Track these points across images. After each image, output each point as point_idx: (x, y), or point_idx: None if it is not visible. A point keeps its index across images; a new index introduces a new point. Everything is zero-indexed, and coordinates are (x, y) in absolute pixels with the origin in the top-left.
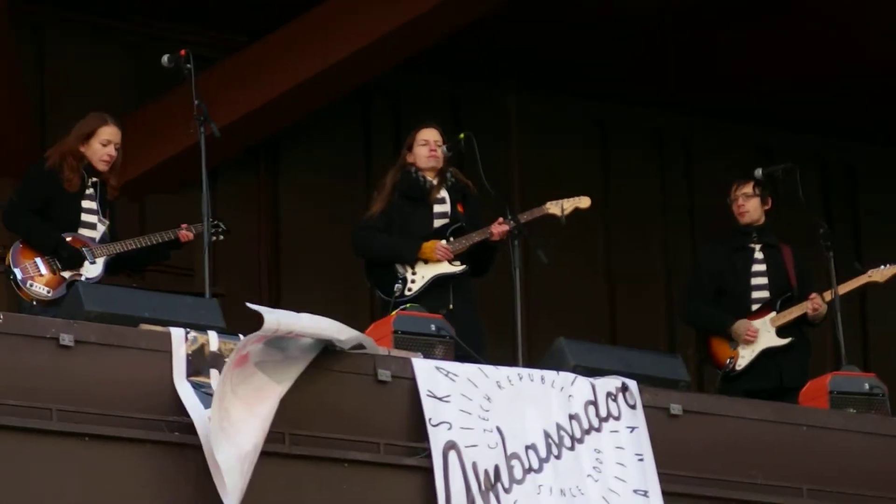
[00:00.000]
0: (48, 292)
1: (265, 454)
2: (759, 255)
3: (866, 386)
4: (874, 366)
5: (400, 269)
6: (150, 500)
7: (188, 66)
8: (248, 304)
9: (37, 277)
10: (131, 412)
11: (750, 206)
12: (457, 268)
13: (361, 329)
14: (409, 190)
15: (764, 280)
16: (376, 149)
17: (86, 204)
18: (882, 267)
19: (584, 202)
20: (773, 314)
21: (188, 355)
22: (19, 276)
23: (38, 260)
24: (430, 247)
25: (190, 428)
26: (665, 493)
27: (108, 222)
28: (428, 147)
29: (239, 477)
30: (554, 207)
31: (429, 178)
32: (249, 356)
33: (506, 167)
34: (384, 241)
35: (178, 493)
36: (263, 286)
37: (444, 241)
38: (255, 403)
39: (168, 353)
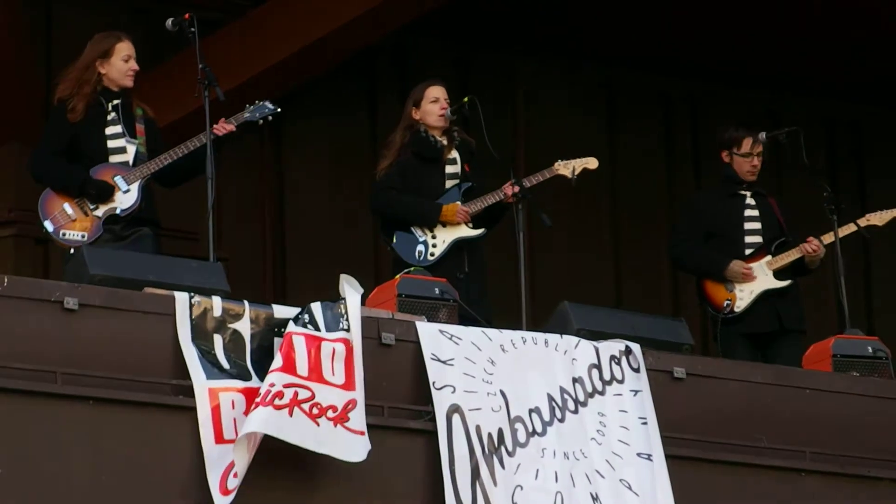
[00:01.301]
0: (83, 237)
1: None
2: (750, 201)
3: (869, 349)
4: (878, 329)
5: (419, 232)
6: (153, 461)
7: (192, 29)
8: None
9: (69, 224)
10: (135, 375)
11: (759, 165)
12: (476, 231)
13: (366, 294)
14: (421, 150)
15: (757, 225)
16: (381, 113)
17: (110, 130)
18: (880, 212)
19: (591, 163)
20: (769, 257)
21: (192, 319)
22: (50, 227)
23: (66, 205)
24: (451, 210)
25: (192, 391)
26: (668, 457)
27: (138, 140)
28: (439, 105)
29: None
30: (563, 168)
31: (438, 137)
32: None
33: (512, 132)
34: (406, 201)
35: (180, 455)
36: (268, 250)
37: (459, 203)
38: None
39: (171, 316)
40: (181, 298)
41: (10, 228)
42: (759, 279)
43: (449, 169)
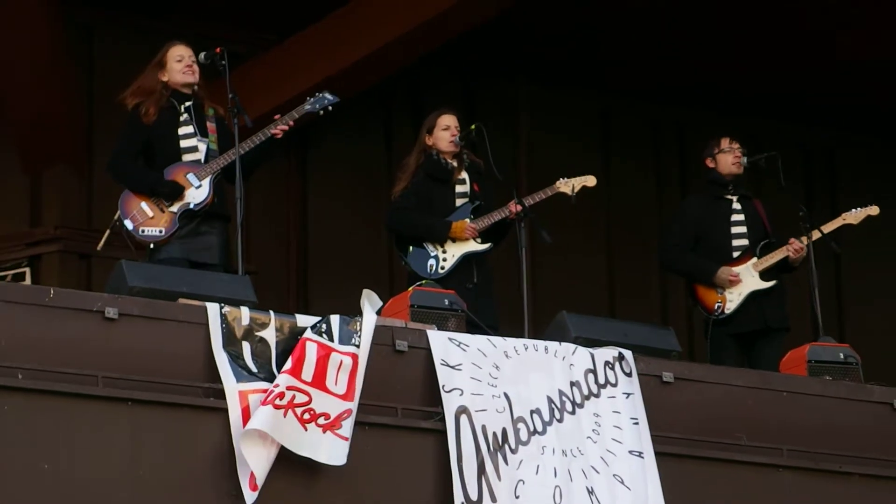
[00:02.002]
0: (160, 232)
1: None
2: (736, 205)
3: (841, 355)
4: (849, 337)
5: (430, 247)
6: (188, 458)
7: (223, 62)
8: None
9: (147, 221)
10: (170, 379)
11: (742, 160)
12: (483, 246)
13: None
14: (434, 172)
15: (743, 229)
16: (396, 139)
17: (182, 130)
18: (854, 210)
19: (590, 181)
20: (755, 259)
21: (223, 327)
22: (130, 226)
23: (143, 204)
24: (459, 226)
25: (222, 394)
26: (658, 454)
27: (209, 138)
28: (450, 132)
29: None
30: (564, 186)
31: (449, 160)
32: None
33: (515, 155)
34: (419, 219)
35: (212, 452)
36: (292, 265)
37: (468, 220)
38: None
39: (203, 325)
40: (213, 309)
41: (56, 245)
42: (746, 281)
43: (459, 189)
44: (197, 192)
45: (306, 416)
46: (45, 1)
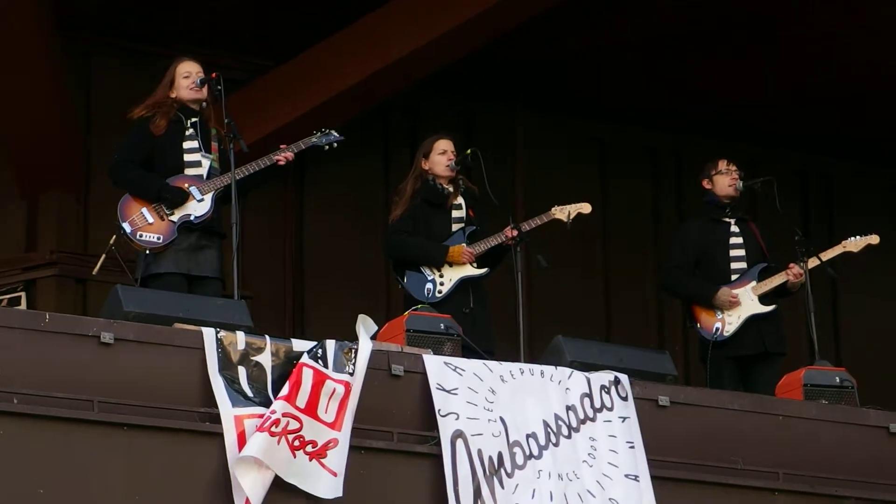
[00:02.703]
0: (158, 238)
1: None
2: (734, 228)
3: (837, 379)
4: (845, 361)
5: (428, 272)
6: (183, 483)
7: (219, 87)
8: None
9: (145, 227)
10: (166, 403)
11: (739, 183)
12: (479, 270)
13: (378, 327)
14: (430, 196)
15: (741, 252)
16: (394, 162)
17: (187, 144)
18: (855, 238)
19: (585, 208)
20: (754, 283)
21: (218, 352)
22: (128, 229)
23: (144, 210)
24: (456, 251)
25: (218, 418)
26: (654, 478)
27: (212, 156)
28: (446, 156)
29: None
30: (560, 213)
31: (445, 185)
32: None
33: (511, 179)
34: (417, 244)
35: (208, 477)
36: (287, 289)
37: (464, 245)
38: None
39: (199, 349)
40: (209, 333)
41: (52, 269)
42: (745, 304)
43: (455, 214)
44: (199, 206)
45: (296, 442)
46: (43, 27)
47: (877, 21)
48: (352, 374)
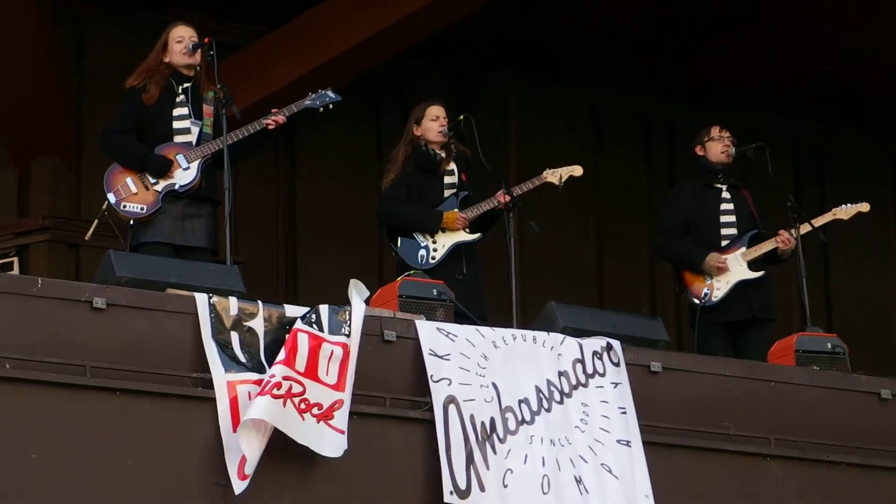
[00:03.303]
0: (142, 209)
1: None
2: (726, 194)
3: (829, 345)
4: (836, 327)
5: (421, 238)
6: (175, 448)
7: (211, 52)
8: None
9: (130, 197)
10: (158, 369)
11: (731, 149)
12: (472, 236)
13: (370, 293)
14: (423, 162)
15: (732, 218)
16: (385, 130)
17: (177, 111)
18: (845, 206)
19: (577, 170)
20: (744, 249)
21: (211, 317)
22: (112, 199)
23: (129, 179)
24: (450, 217)
25: (211, 384)
26: (645, 443)
27: (204, 121)
28: (438, 122)
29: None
30: (551, 176)
31: (437, 151)
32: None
33: (504, 147)
34: (410, 210)
35: (200, 442)
36: (280, 256)
37: (457, 211)
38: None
39: (192, 314)
40: (201, 299)
41: (44, 234)
42: (734, 270)
43: (447, 179)
44: (184, 174)
45: (302, 405)
46: None
47: None
48: (348, 336)
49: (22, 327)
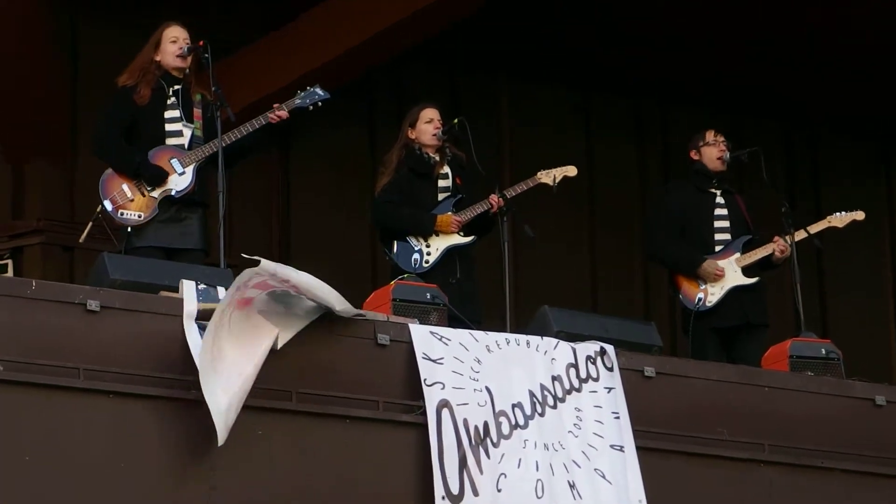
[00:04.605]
0: (139, 216)
1: (274, 410)
2: (720, 199)
3: (823, 351)
4: (831, 333)
5: (414, 241)
6: (168, 451)
7: (206, 55)
8: (244, 255)
9: (127, 204)
10: (152, 372)
11: (726, 154)
12: (466, 239)
13: (363, 297)
14: (416, 165)
15: (726, 223)
16: (380, 133)
17: (169, 114)
18: (840, 214)
19: (571, 171)
20: (738, 255)
21: (199, 299)
22: (109, 207)
23: (125, 186)
24: (444, 220)
25: None
26: (639, 448)
27: (195, 124)
28: (433, 125)
29: (224, 418)
30: (545, 177)
31: (431, 154)
32: (253, 302)
33: (497, 149)
34: (404, 213)
35: (192, 445)
36: (274, 256)
37: (451, 214)
38: (249, 344)
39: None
40: (189, 285)
41: (38, 237)
42: (728, 276)
43: (441, 183)
44: (180, 179)
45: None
46: None
47: None
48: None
49: (15, 329)
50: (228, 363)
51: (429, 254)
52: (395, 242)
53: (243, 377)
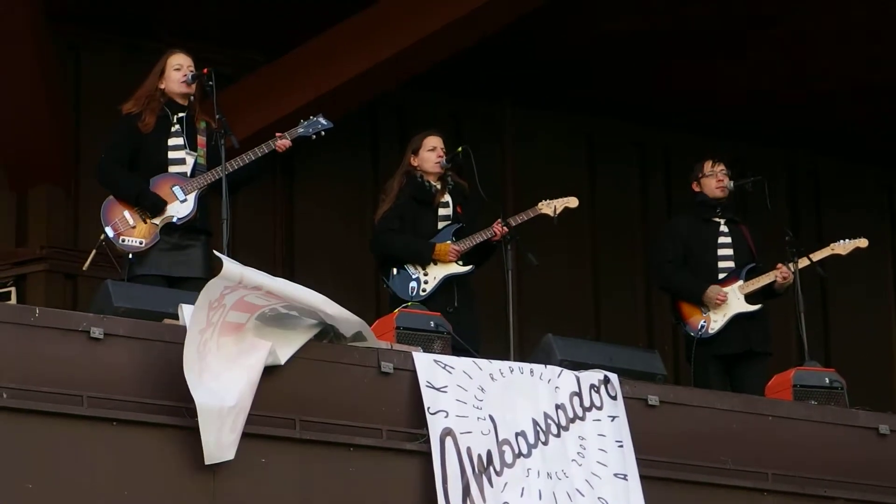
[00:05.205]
0: (141, 243)
1: (277, 438)
2: (724, 228)
3: (826, 380)
4: (834, 362)
5: (412, 270)
6: (171, 479)
7: (210, 83)
8: (215, 252)
9: (128, 231)
10: (155, 399)
11: (727, 182)
12: (464, 268)
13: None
14: (417, 193)
15: (729, 251)
16: (383, 159)
17: (172, 141)
18: (843, 241)
19: (572, 202)
20: (741, 282)
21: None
22: (110, 233)
23: (127, 213)
24: (443, 249)
25: None
26: (643, 477)
27: (198, 152)
28: (436, 153)
29: (215, 431)
30: (546, 208)
31: (433, 182)
32: (244, 328)
33: (501, 176)
34: (403, 242)
35: (196, 473)
36: None
37: (450, 243)
38: (243, 362)
39: None
40: (188, 308)
41: (41, 264)
42: (731, 303)
43: (442, 211)
44: (181, 207)
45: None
46: (32, 20)
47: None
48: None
49: (19, 357)
50: (218, 377)
51: (426, 282)
52: (393, 270)
53: (237, 394)
